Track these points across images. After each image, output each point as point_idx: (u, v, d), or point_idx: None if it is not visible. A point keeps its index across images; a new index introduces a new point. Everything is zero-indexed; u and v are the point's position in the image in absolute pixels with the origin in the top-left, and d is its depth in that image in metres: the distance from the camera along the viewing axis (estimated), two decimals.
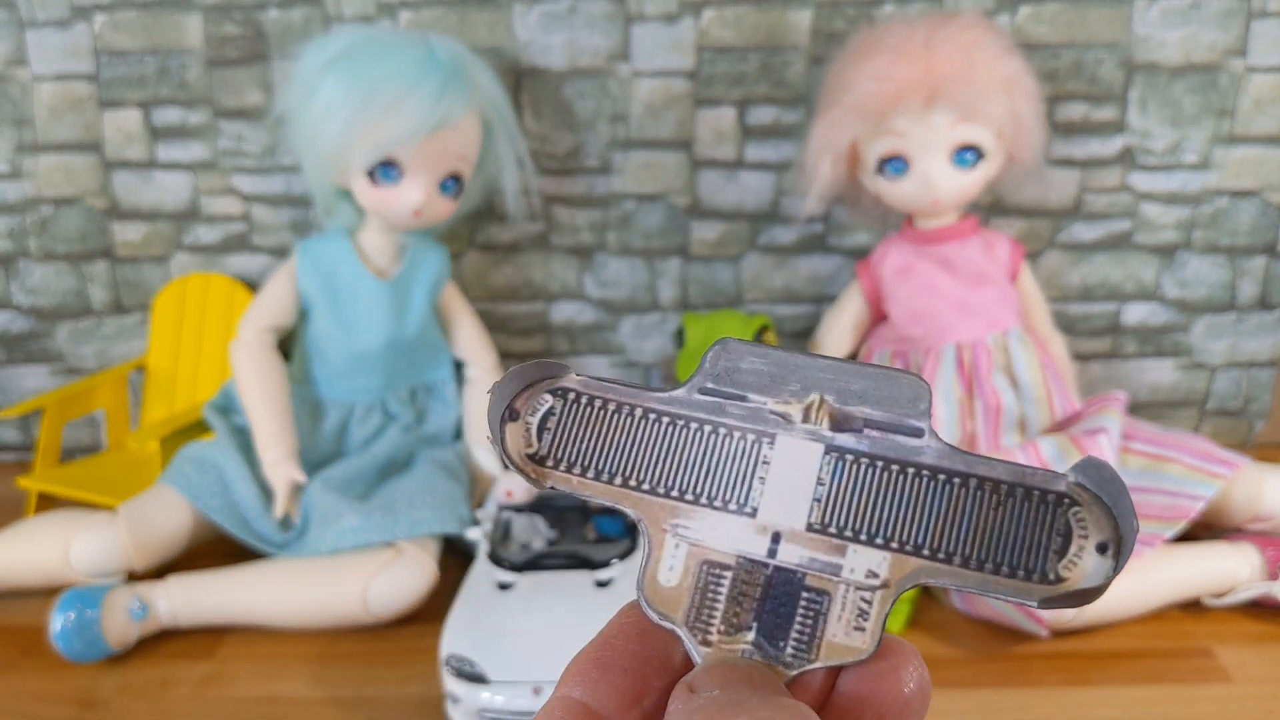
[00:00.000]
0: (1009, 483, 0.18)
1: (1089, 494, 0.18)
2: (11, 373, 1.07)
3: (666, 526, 0.19)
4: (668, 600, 0.19)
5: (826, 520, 0.19)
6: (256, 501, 0.82)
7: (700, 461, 0.20)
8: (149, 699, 0.70)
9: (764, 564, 0.19)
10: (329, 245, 0.89)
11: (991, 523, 0.18)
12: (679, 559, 0.19)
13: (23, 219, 1.02)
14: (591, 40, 0.95)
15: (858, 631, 0.18)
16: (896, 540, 0.18)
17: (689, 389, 0.20)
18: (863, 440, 0.19)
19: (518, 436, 0.20)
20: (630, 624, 0.18)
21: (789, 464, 0.19)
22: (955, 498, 0.19)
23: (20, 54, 0.96)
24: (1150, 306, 1.02)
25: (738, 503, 0.19)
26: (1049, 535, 0.18)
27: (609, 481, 0.20)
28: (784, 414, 0.20)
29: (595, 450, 0.20)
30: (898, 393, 0.19)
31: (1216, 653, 0.73)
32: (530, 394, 0.21)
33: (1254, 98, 0.95)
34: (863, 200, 0.93)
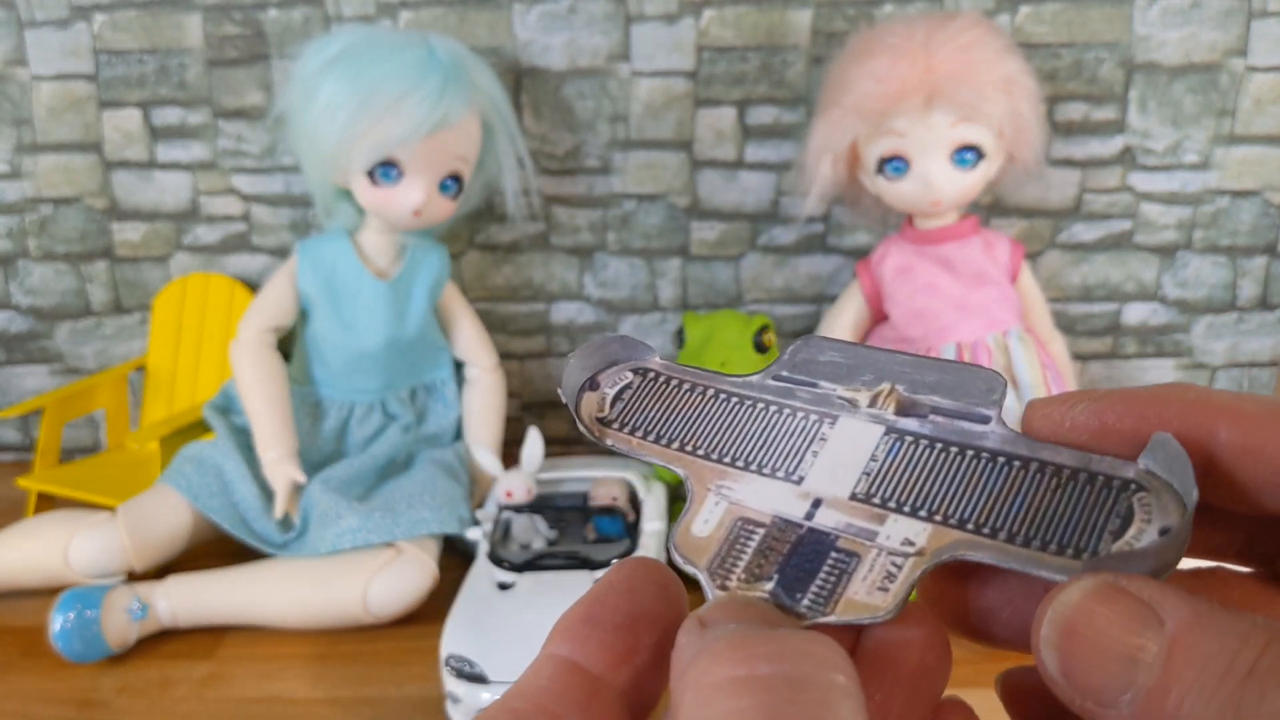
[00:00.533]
0: (1072, 467, 0.18)
1: (1159, 480, 0.17)
2: (11, 373, 1.07)
3: (711, 486, 0.19)
4: (696, 548, 0.18)
5: (872, 491, 0.18)
6: (256, 501, 0.82)
7: (759, 435, 0.20)
8: (149, 699, 0.70)
9: (798, 524, 0.18)
10: (329, 245, 0.89)
11: (1047, 503, 0.17)
12: (716, 514, 0.19)
13: (22, 219, 1.02)
14: (591, 40, 0.95)
15: (880, 592, 0.17)
16: (941, 514, 0.18)
17: (764, 375, 0.21)
18: (926, 424, 0.19)
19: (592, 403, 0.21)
20: (621, 581, 0.18)
21: (846, 441, 0.19)
22: (1012, 478, 0.18)
23: (20, 54, 0.96)
24: (1150, 306, 1.02)
25: (786, 471, 0.19)
26: (1108, 517, 0.17)
27: (665, 445, 0.20)
28: (851, 399, 0.20)
29: (661, 419, 0.20)
30: (971, 385, 0.19)
31: None
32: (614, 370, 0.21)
33: (1254, 97, 0.95)
34: (863, 200, 0.93)
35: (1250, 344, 1.03)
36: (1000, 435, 0.18)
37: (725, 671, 0.14)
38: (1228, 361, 1.04)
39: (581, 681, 0.17)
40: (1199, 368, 1.04)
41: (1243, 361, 1.04)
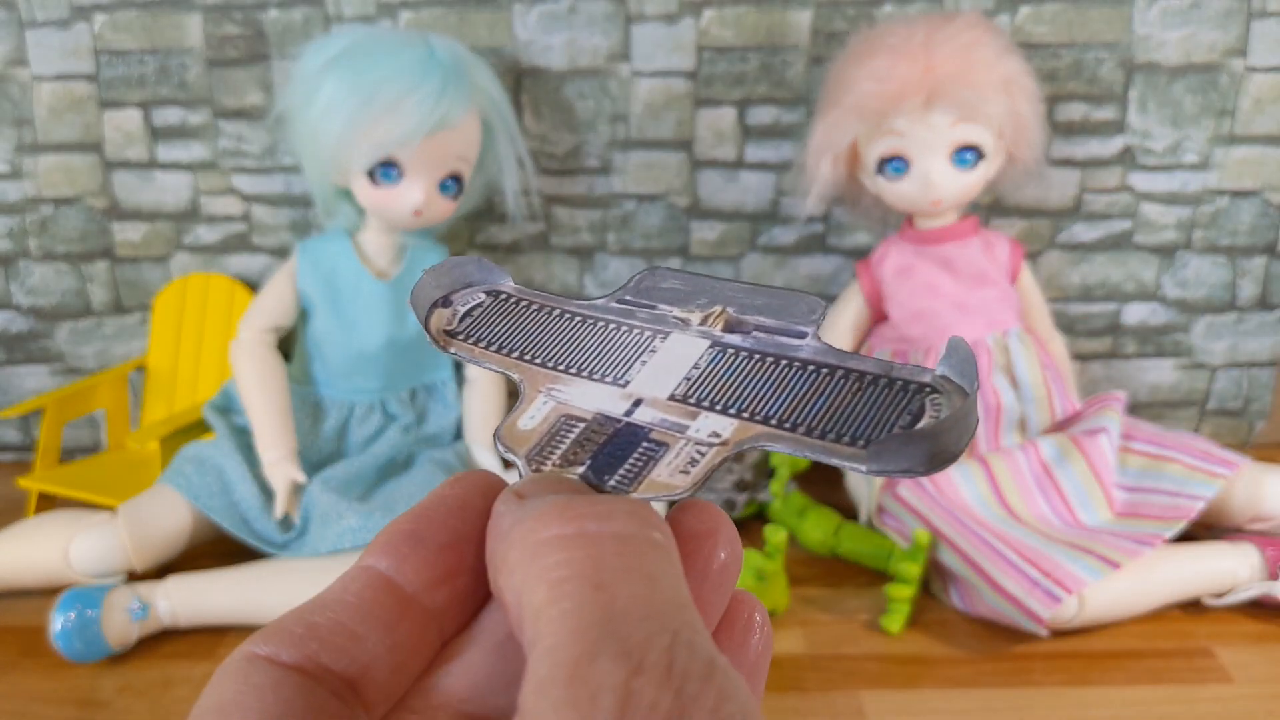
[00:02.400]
0: (875, 374, 0.19)
1: (951, 384, 0.19)
2: (11, 373, 1.07)
3: (542, 389, 0.20)
4: (518, 439, 0.19)
5: (689, 393, 0.20)
6: (256, 501, 0.82)
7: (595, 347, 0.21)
8: (149, 699, 0.70)
9: (617, 420, 0.19)
10: (329, 245, 0.89)
11: (846, 403, 0.19)
12: (542, 411, 0.20)
13: (23, 219, 1.02)
14: (591, 40, 0.95)
15: (682, 475, 0.18)
16: (749, 411, 0.19)
17: (609, 299, 0.22)
18: (748, 339, 0.20)
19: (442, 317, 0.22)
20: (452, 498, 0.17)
21: (673, 353, 0.20)
22: (819, 383, 0.19)
23: (20, 54, 0.96)
24: (1150, 306, 1.02)
25: (614, 377, 0.20)
26: (900, 414, 0.18)
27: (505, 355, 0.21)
28: (684, 319, 0.21)
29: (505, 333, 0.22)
30: (796, 307, 0.21)
31: (1217, 652, 0.73)
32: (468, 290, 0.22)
33: (1254, 97, 0.95)
34: (863, 200, 0.93)
35: (1250, 344, 1.03)
36: (814, 348, 0.20)
37: (554, 530, 0.15)
38: (1227, 361, 1.04)
39: (392, 601, 0.16)
40: (1199, 368, 1.04)
41: (1242, 361, 1.04)
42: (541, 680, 0.13)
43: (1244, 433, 1.07)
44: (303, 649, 0.15)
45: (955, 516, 0.81)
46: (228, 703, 0.14)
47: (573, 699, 0.12)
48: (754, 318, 0.21)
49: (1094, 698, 0.69)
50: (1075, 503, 0.82)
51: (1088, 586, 0.72)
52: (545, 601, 0.14)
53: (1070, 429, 0.88)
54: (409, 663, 0.16)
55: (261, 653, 0.15)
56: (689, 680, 0.13)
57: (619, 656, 0.13)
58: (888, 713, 0.68)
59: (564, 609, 0.13)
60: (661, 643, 0.13)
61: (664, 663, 0.13)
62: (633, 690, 0.12)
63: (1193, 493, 0.79)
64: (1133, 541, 0.75)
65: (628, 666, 0.13)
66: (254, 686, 0.14)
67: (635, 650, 0.13)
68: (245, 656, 0.15)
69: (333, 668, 0.15)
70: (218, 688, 0.14)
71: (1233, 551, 0.78)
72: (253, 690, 0.14)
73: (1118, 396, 0.89)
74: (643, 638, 0.13)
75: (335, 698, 0.15)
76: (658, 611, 0.13)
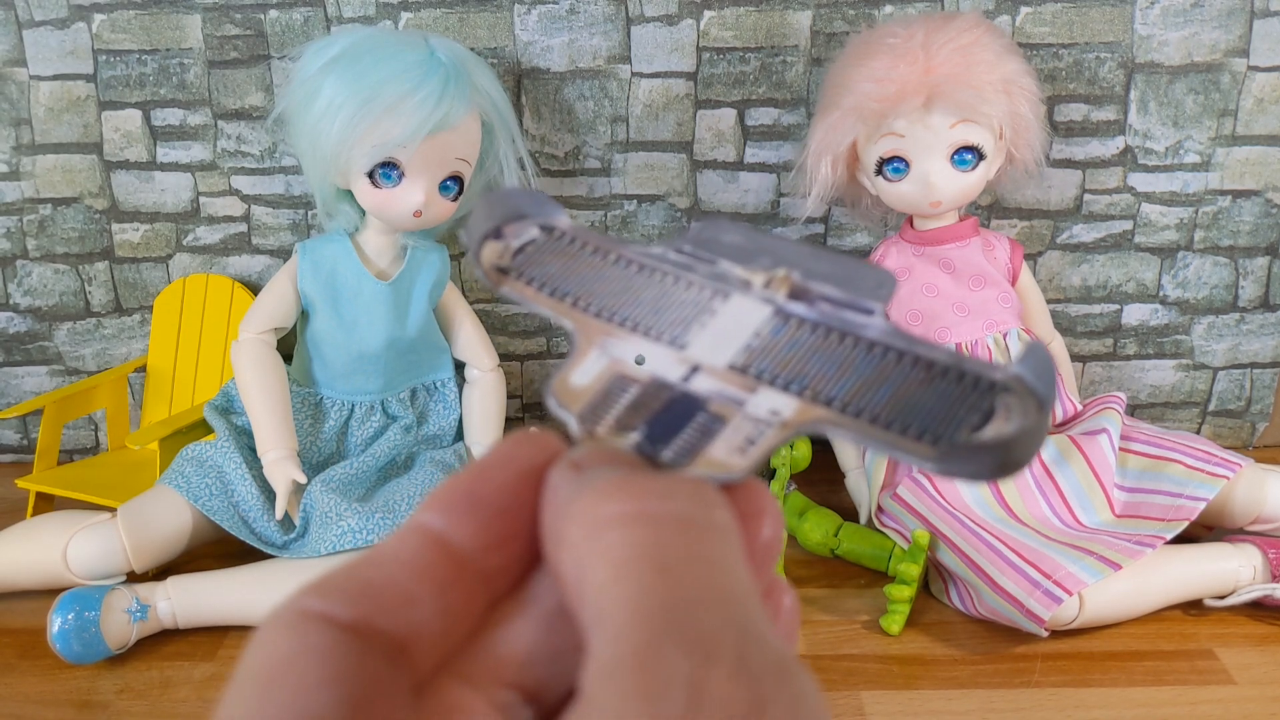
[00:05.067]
0: (945, 364, 0.18)
1: (1025, 386, 0.18)
2: (11, 373, 1.07)
3: (596, 341, 0.20)
4: (571, 396, 0.19)
5: (749, 363, 0.19)
6: (257, 502, 0.82)
7: (652, 300, 0.20)
8: (149, 701, 0.70)
9: (672, 385, 0.19)
10: (330, 246, 0.89)
11: (914, 392, 0.18)
12: (595, 367, 0.19)
13: (22, 219, 1.01)
14: (592, 41, 0.95)
15: (738, 454, 0.17)
16: (811, 391, 0.18)
17: (667, 247, 0.21)
18: (813, 310, 0.19)
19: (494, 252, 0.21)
20: (518, 459, 0.16)
21: (734, 317, 0.20)
22: (885, 367, 0.18)
23: (19, 54, 0.96)
24: (1151, 307, 1.02)
25: (671, 337, 0.19)
26: (970, 411, 0.17)
27: (558, 299, 0.20)
28: (746, 279, 0.20)
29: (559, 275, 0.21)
30: (864, 280, 0.20)
31: (1219, 654, 0.73)
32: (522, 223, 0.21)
33: (1256, 97, 0.95)
34: (863, 201, 0.93)
35: (1251, 345, 1.03)
36: (882, 328, 0.19)
37: (615, 507, 0.14)
38: (1228, 362, 1.04)
39: (447, 562, 0.15)
40: (1200, 368, 1.04)
41: (1244, 362, 1.04)
42: (607, 665, 0.12)
43: (1246, 434, 1.07)
44: (358, 607, 0.14)
45: (955, 517, 0.80)
46: (282, 662, 0.13)
47: (642, 688, 0.12)
48: (819, 286, 0.20)
49: (1094, 698, 0.69)
50: (1075, 503, 0.82)
51: (1088, 587, 0.72)
52: (608, 580, 0.13)
53: (1070, 430, 0.88)
54: (458, 626, 0.15)
55: (317, 609, 0.14)
56: (763, 679, 0.12)
57: (689, 646, 0.12)
58: (888, 713, 0.68)
59: (628, 591, 0.13)
60: (730, 636, 0.13)
61: (735, 657, 0.12)
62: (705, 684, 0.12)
63: (1193, 494, 0.79)
64: (1133, 542, 0.75)
65: (697, 658, 0.12)
66: (310, 647, 0.14)
67: (705, 642, 0.12)
68: (300, 612, 0.14)
69: (385, 628, 0.14)
70: (271, 644, 0.14)
71: (1235, 553, 0.78)
72: (309, 651, 0.13)
73: (1118, 397, 0.89)
74: (712, 629, 0.13)
75: (385, 660, 0.14)
76: (725, 601, 0.13)
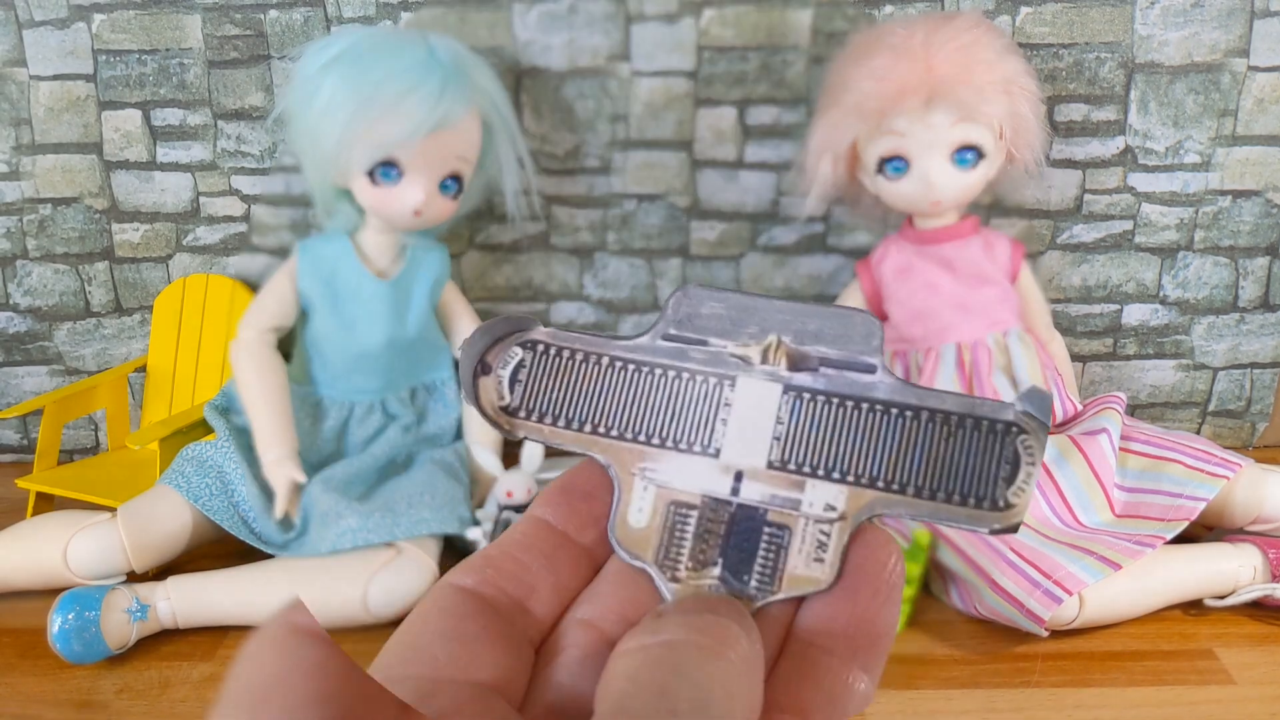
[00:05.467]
0: (959, 414, 0.19)
1: (1036, 422, 0.19)
2: (11, 373, 1.07)
3: (635, 470, 0.20)
4: (638, 541, 0.19)
5: (786, 457, 0.20)
6: (257, 502, 0.82)
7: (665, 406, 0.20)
8: (149, 700, 0.70)
9: (728, 502, 0.19)
10: (329, 245, 0.89)
11: (943, 453, 0.19)
12: (647, 500, 0.20)
13: (22, 219, 1.01)
14: (591, 40, 0.95)
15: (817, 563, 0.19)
16: (853, 474, 0.19)
17: (652, 336, 0.21)
18: (819, 379, 0.20)
19: (490, 390, 0.21)
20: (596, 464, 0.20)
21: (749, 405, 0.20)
22: (907, 430, 0.19)
23: (19, 54, 0.96)
24: (1151, 307, 1.02)
25: (702, 444, 0.20)
26: (998, 463, 0.19)
27: (579, 429, 0.21)
28: (744, 356, 0.20)
29: (564, 399, 0.21)
30: (851, 330, 0.20)
31: (1219, 654, 0.73)
32: (500, 348, 0.22)
33: (1256, 97, 0.95)
34: (863, 200, 0.93)
35: (1251, 345, 1.03)
36: (888, 385, 0.20)
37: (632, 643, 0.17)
38: (1228, 362, 1.04)
39: (550, 536, 0.19)
40: (1200, 368, 1.04)
41: (1244, 362, 1.04)
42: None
43: (1245, 434, 1.07)
44: (480, 574, 0.19)
45: None
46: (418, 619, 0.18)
47: None
48: (814, 349, 0.20)
49: (1094, 698, 0.69)
50: (1075, 503, 0.82)
51: (1088, 587, 0.72)
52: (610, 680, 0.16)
53: (1070, 429, 0.87)
54: (568, 586, 0.19)
55: (449, 580, 0.19)
56: None
57: None
58: (888, 713, 0.67)
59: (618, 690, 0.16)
60: None
61: None
62: None
63: (1193, 494, 0.79)
64: (1133, 542, 0.75)
65: None
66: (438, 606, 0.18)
67: None
68: (438, 585, 0.19)
69: (505, 588, 0.19)
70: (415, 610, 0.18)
71: (1234, 553, 0.78)
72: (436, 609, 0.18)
73: (1118, 397, 0.89)
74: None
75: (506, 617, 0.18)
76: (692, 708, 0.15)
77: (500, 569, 0.19)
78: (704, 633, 0.17)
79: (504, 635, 0.18)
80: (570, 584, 0.19)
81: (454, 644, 0.18)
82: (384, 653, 0.18)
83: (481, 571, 0.19)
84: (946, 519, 0.19)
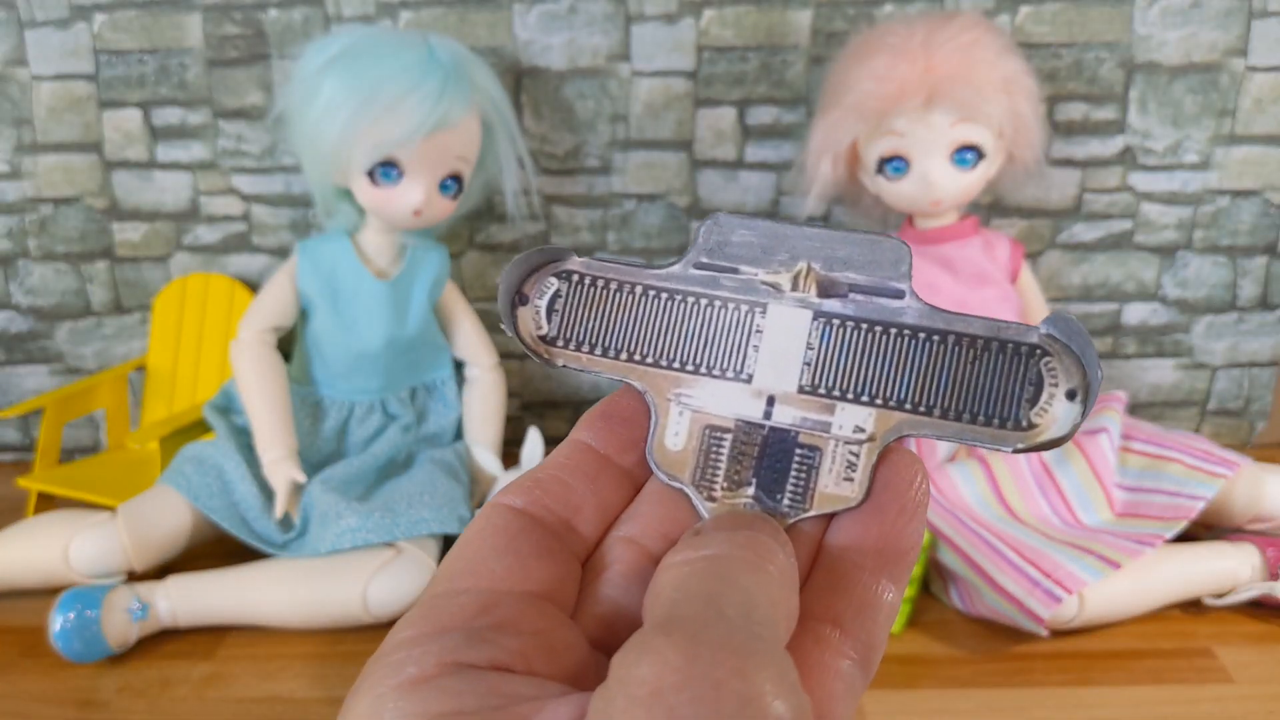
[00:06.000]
0: (985, 337, 0.20)
1: (1059, 344, 0.19)
2: (11, 373, 1.07)
3: (670, 396, 0.21)
4: (675, 463, 0.20)
5: (816, 382, 0.20)
6: (256, 501, 0.82)
7: (698, 333, 0.21)
8: (149, 699, 0.70)
9: (760, 425, 0.20)
10: (329, 245, 0.89)
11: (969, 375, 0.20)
12: (683, 425, 0.20)
13: (22, 219, 1.02)
14: (591, 40, 0.95)
15: (847, 482, 0.20)
16: (881, 397, 0.20)
17: (684, 264, 0.21)
18: (848, 304, 0.20)
19: (528, 320, 0.22)
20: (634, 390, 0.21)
21: (781, 331, 0.21)
22: (935, 354, 0.20)
23: (20, 54, 0.96)
24: (1151, 306, 1.02)
25: (734, 370, 0.21)
26: (1022, 385, 0.19)
27: (615, 357, 0.21)
28: (774, 284, 0.21)
29: (600, 328, 0.21)
30: (880, 256, 0.20)
31: (1217, 653, 0.73)
32: (537, 278, 0.22)
33: (1255, 97, 0.95)
34: (863, 200, 0.93)
35: (1250, 344, 1.03)
36: (917, 310, 0.20)
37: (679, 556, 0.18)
38: (1228, 362, 1.04)
39: (593, 459, 0.21)
40: (1199, 368, 1.04)
41: (1243, 361, 1.04)
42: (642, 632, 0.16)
43: (1245, 433, 1.07)
44: (529, 495, 0.20)
45: (955, 516, 0.81)
46: (473, 537, 0.19)
47: None
48: (844, 275, 0.21)
49: (1094, 698, 0.69)
50: (1075, 503, 0.82)
51: (1088, 586, 0.72)
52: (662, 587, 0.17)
53: None
54: (611, 506, 0.20)
55: (499, 501, 0.20)
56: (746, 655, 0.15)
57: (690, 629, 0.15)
58: (888, 712, 0.68)
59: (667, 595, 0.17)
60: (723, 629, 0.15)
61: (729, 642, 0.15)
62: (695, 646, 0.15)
63: (1193, 493, 0.79)
64: (1133, 541, 0.75)
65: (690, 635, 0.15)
66: (491, 524, 0.19)
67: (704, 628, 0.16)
68: (488, 505, 0.20)
69: (552, 508, 0.20)
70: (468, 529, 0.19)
71: (1233, 552, 0.78)
72: (490, 527, 0.19)
73: (1118, 396, 0.89)
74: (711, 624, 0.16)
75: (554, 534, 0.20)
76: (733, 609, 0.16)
77: (548, 489, 0.20)
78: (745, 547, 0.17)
79: (554, 551, 0.19)
80: (613, 503, 0.20)
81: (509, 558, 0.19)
82: (442, 568, 0.19)
83: (530, 492, 0.20)
84: (972, 439, 0.19)
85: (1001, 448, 0.19)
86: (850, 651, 0.18)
